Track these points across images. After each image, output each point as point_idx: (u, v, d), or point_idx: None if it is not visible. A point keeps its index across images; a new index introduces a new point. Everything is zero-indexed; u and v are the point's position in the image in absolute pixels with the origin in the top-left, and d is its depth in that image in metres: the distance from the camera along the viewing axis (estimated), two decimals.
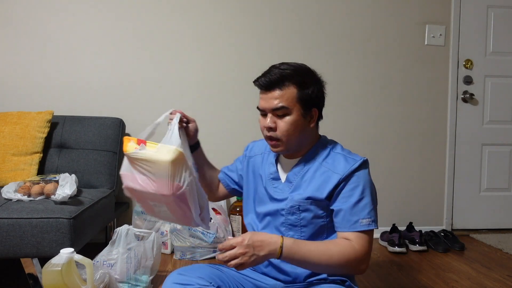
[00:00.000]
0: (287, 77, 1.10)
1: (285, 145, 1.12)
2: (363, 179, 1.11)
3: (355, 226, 1.06)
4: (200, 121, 2.52)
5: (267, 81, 1.10)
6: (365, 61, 2.59)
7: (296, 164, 1.18)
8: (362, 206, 1.08)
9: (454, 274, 2.00)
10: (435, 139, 2.69)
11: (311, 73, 1.18)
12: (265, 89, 1.11)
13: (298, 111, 1.11)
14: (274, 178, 1.21)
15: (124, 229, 1.67)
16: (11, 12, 2.32)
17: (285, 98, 1.09)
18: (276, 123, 1.11)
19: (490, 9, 2.68)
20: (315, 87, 1.16)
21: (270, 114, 1.11)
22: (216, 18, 2.46)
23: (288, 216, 1.15)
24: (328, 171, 1.13)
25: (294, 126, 1.11)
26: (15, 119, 2.06)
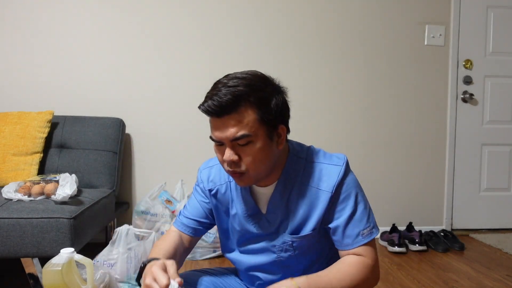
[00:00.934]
0: (242, 96, 0.86)
1: (253, 177, 0.92)
2: (351, 185, 0.98)
3: (358, 241, 0.96)
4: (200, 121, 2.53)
5: (217, 105, 0.85)
6: (365, 61, 2.59)
7: (274, 192, 0.99)
8: (359, 217, 0.97)
9: (454, 274, 2.01)
10: (435, 139, 2.69)
11: (268, 82, 0.92)
12: (217, 115, 0.87)
13: (262, 135, 0.89)
14: (251, 215, 1.02)
15: (124, 229, 1.67)
16: (11, 12, 2.32)
17: (245, 123, 0.86)
18: (238, 154, 0.89)
19: (490, 9, 2.68)
20: (277, 99, 0.91)
21: (229, 145, 0.89)
22: (217, 19, 2.46)
23: (281, 254, 1.02)
24: (312, 190, 0.97)
25: (261, 154, 0.89)
26: (15, 119, 2.06)
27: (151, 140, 2.45)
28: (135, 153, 2.45)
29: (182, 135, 2.47)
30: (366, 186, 2.86)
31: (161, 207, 2.24)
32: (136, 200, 2.45)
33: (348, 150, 2.56)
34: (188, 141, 2.47)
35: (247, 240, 1.06)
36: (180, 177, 2.40)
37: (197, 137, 2.48)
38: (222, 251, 1.16)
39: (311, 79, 2.53)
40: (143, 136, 2.44)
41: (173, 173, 2.43)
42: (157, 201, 2.26)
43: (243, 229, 1.05)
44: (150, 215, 2.24)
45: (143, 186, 2.44)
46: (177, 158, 2.46)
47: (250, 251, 1.07)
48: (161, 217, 2.24)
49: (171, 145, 2.46)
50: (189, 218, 1.11)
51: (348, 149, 2.57)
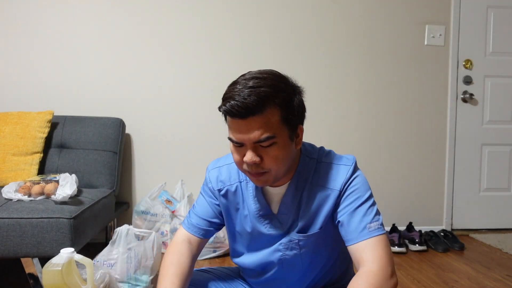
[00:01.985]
0: (267, 98, 0.84)
1: (273, 177, 0.91)
2: (359, 183, 0.98)
3: (364, 234, 0.91)
4: (200, 121, 2.54)
5: (242, 107, 0.83)
6: (364, 61, 2.59)
7: (286, 192, 0.99)
8: (366, 211, 0.94)
9: (454, 274, 2.01)
10: (435, 139, 2.69)
11: (288, 82, 0.92)
12: (240, 117, 0.85)
13: (285, 136, 0.89)
14: (263, 215, 1.02)
15: (124, 229, 1.67)
16: (11, 12, 2.32)
17: (269, 125, 0.85)
18: (260, 156, 0.88)
19: (490, 9, 2.69)
20: (297, 99, 0.92)
21: (251, 147, 0.87)
22: (218, 19, 2.46)
23: (286, 252, 1.02)
24: (322, 189, 0.98)
25: (283, 154, 0.89)
26: (15, 119, 2.07)
27: (151, 140, 2.45)
28: (135, 153, 2.45)
29: (182, 135, 2.47)
30: None
31: (161, 207, 2.24)
32: (136, 200, 2.45)
33: (348, 150, 2.57)
34: (188, 141, 2.47)
35: (257, 241, 1.05)
36: (180, 177, 2.40)
37: (197, 137, 2.48)
38: (230, 256, 1.15)
39: (311, 79, 2.53)
40: (143, 136, 2.44)
41: (173, 173, 2.44)
42: (157, 201, 2.26)
43: (254, 230, 1.04)
44: (150, 215, 2.24)
45: (143, 186, 2.44)
46: (177, 158, 2.46)
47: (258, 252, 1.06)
48: (161, 217, 2.24)
49: (171, 145, 2.46)
50: (199, 217, 1.09)
51: (348, 149, 2.57)
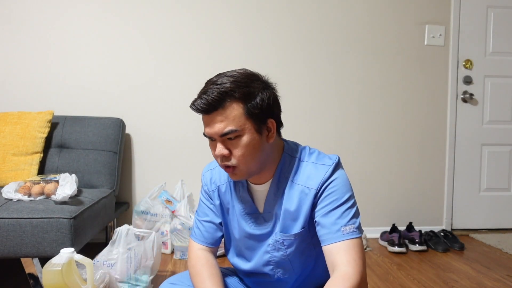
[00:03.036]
0: (226, 93, 0.90)
1: (244, 171, 0.95)
2: (339, 184, 0.97)
3: (338, 236, 0.92)
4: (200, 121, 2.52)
5: (204, 103, 0.90)
6: (365, 61, 2.59)
7: (269, 189, 1.02)
8: (342, 213, 0.94)
9: (454, 274, 2.01)
10: (435, 139, 2.69)
11: (255, 78, 0.95)
12: (205, 113, 0.92)
13: (250, 129, 0.92)
14: (249, 212, 1.04)
15: (124, 229, 1.67)
16: (11, 12, 2.32)
17: (231, 119, 0.90)
18: (229, 149, 0.93)
19: (490, 9, 2.69)
20: (263, 94, 0.94)
21: (219, 140, 0.93)
22: (218, 19, 2.46)
23: (274, 253, 1.03)
24: (301, 188, 0.99)
25: (251, 148, 0.92)
26: (15, 119, 2.07)
27: (151, 140, 2.45)
28: (135, 153, 2.45)
29: (182, 135, 2.47)
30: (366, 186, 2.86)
31: (161, 207, 2.24)
32: (136, 200, 2.45)
33: (348, 150, 2.57)
34: (188, 141, 2.47)
35: (247, 242, 1.07)
36: (180, 177, 2.40)
37: (197, 137, 2.48)
38: (225, 253, 1.17)
39: (311, 79, 2.53)
40: (143, 136, 2.44)
41: (173, 173, 2.44)
42: (157, 201, 2.26)
43: (242, 229, 1.06)
44: (150, 215, 2.24)
45: (143, 186, 2.44)
46: (177, 158, 2.46)
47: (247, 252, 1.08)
48: (161, 217, 2.24)
49: (171, 145, 2.46)
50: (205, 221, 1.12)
51: (347, 149, 2.57)
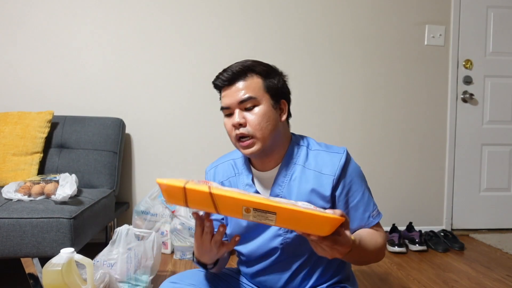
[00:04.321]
0: (249, 67, 1.02)
1: (260, 142, 1.00)
2: (354, 173, 1.06)
3: (369, 222, 1.05)
4: (200, 122, 2.54)
5: (230, 74, 1.01)
6: (365, 61, 2.59)
7: (277, 175, 1.06)
8: (367, 200, 1.06)
9: (454, 274, 2.01)
10: (435, 139, 2.69)
11: (273, 66, 1.10)
12: (228, 83, 1.02)
13: (267, 102, 1.01)
14: None
15: (124, 229, 1.67)
16: (11, 12, 2.32)
17: (252, 88, 1.00)
18: (245, 118, 1.00)
19: (490, 9, 2.69)
20: (280, 78, 1.07)
21: (237, 110, 1.00)
22: (218, 19, 2.46)
23: (287, 235, 1.05)
24: (316, 174, 1.04)
25: (267, 117, 1.00)
26: (15, 119, 2.07)
27: (151, 140, 2.45)
28: (135, 153, 2.45)
29: (182, 135, 2.47)
30: None
31: (161, 207, 2.24)
32: (136, 200, 2.45)
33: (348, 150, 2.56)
34: (188, 141, 2.47)
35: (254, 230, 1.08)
36: (180, 177, 2.40)
37: (197, 137, 2.48)
38: None
39: (311, 79, 2.53)
40: (143, 136, 2.44)
41: (173, 173, 2.43)
42: (157, 201, 2.26)
43: None
44: (150, 215, 2.24)
45: (143, 186, 2.44)
46: (177, 158, 2.46)
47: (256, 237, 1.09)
48: (161, 217, 2.24)
49: (171, 145, 2.46)
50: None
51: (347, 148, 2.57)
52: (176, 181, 0.81)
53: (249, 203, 0.76)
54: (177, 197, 0.80)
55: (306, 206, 0.81)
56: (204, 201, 0.78)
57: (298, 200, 1.00)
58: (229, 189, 0.82)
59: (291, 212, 0.75)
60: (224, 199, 0.77)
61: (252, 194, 0.82)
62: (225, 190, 0.78)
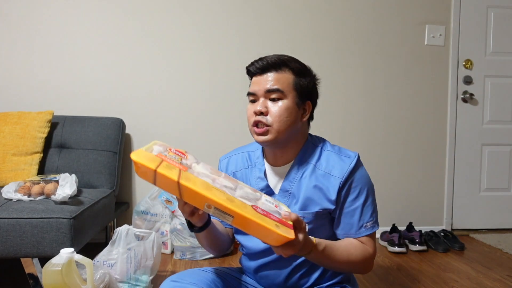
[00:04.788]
0: (285, 62, 1.04)
1: (274, 133, 1.02)
2: (362, 179, 1.07)
3: (361, 232, 1.05)
4: (200, 121, 2.54)
5: (264, 63, 1.04)
6: (365, 61, 2.59)
7: (289, 171, 1.09)
8: (365, 210, 1.05)
9: (454, 274, 2.01)
10: (435, 139, 2.69)
11: (308, 67, 1.11)
12: (261, 72, 1.04)
13: (293, 98, 1.04)
14: (266, 193, 1.09)
15: (124, 229, 1.67)
16: (11, 12, 2.32)
17: (281, 81, 1.03)
18: (267, 108, 1.03)
19: (490, 9, 2.69)
20: (311, 80, 1.09)
21: (262, 99, 1.04)
22: (217, 19, 2.46)
23: None
24: (325, 175, 1.06)
25: (288, 113, 1.02)
26: (15, 119, 2.07)
27: (151, 140, 2.44)
28: None
29: (182, 135, 2.47)
30: None
31: (161, 207, 2.24)
32: (136, 200, 2.45)
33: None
34: (188, 141, 2.47)
35: None
36: None
37: (197, 137, 2.48)
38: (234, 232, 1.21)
39: None
40: (143, 136, 2.44)
41: None
42: (157, 201, 2.26)
43: None
44: (150, 215, 2.24)
45: (143, 186, 2.44)
46: None
47: None
48: (161, 217, 2.24)
49: (171, 145, 2.45)
50: None
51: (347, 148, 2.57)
52: (150, 160, 0.81)
53: (213, 202, 0.78)
54: (148, 176, 0.82)
55: (266, 206, 0.86)
56: (171, 187, 0.81)
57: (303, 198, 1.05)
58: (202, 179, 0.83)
59: (246, 219, 0.78)
60: (190, 191, 0.79)
61: (216, 189, 0.82)
62: (194, 181, 0.80)
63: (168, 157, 0.86)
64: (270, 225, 0.78)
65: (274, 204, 0.89)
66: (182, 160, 0.89)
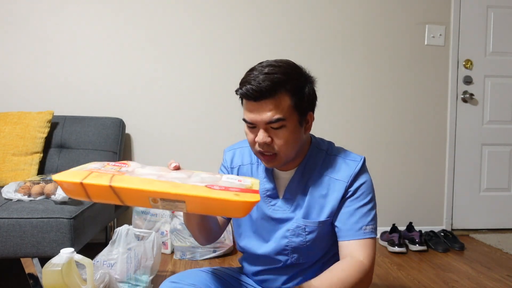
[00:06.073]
0: (279, 83, 0.93)
1: (282, 159, 0.99)
2: (367, 184, 1.04)
3: (359, 234, 0.99)
4: (200, 121, 2.53)
5: (256, 90, 0.91)
6: (365, 61, 2.59)
7: (293, 177, 1.06)
8: (366, 212, 1.01)
9: (454, 274, 2.01)
10: (435, 139, 2.69)
11: (301, 71, 1.01)
12: (254, 100, 0.93)
13: (294, 120, 0.97)
14: (270, 195, 1.08)
15: (124, 229, 1.67)
16: (11, 12, 2.32)
17: (281, 108, 0.93)
18: (271, 137, 0.96)
19: (490, 9, 2.69)
20: (309, 88, 1.01)
21: (263, 128, 0.95)
22: (217, 19, 2.46)
23: (293, 238, 1.05)
24: (330, 180, 1.03)
25: (292, 137, 0.97)
26: (15, 119, 2.06)
27: (151, 140, 2.45)
28: (135, 153, 2.45)
29: (182, 135, 2.47)
30: None
31: None
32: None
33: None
34: (188, 141, 2.47)
35: (263, 226, 1.09)
36: None
37: (197, 137, 2.48)
38: (235, 238, 1.19)
39: None
40: (143, 136, 2.44)
41: None
42: None
43: (260, 210, 1.08)
44: (150, 215, 2.24)
45: None
46: (177, 158, 2.46)
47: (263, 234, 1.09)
48: (161, 217, 2.24)
49: (171, 145, 2.46)
50: None
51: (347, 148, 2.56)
52: (75, 175, 0.74)
53: (154, 194, 0.71)
54: (77, 192, 0.74)
55: (228, 182, 0.78)
56: (107, 195, 0.73)
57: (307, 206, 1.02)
58: (136, 176, 0.76)
59: (200, 199, 0.71)
60: (127, 191, 0.72)
61: (158, 181, 0.74)
62: (128, 181, 0.73)
63: (103, 169, 0.79)
64: (228, 196, 0.71)
65: (238, 179, 0.82)
66: (122, 168, 0.81)
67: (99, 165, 0.83)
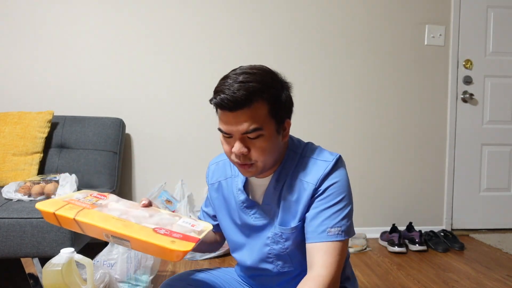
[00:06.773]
0: (255, 93, 0.88)
1: (260, 168, 0.95)
2: (338, 183, 0.97)
3: (321, 236, 0.93)
4: (200, 121, 2.54)
5: (231, 100, 0.87)
6: (364, 61, 2.59)
7: (269, 183, 1.02)
8: (333, 213, 0.94)
9: (454, 274, 2.01)
10: (434, 139, 2.69)
11: (276, 78, 0.96)
12: (229, 110, 0.89)
13: (271, 129, 0.92)
14: (247, 206, 1.05)
15: None
16: (11, 12, 2.32)
17: (257, 118, 0.89)
18: (247, 147, 0.92)
19: (490, 9, 2.69)
20: (285, 94, 0.96)
21: (239, 138, 0.91)
22: (218, 19, 2.46)
23: (273, 246, 1.03)
24: (300, 183, 0.99)
25: (269, 146, 0.93)
26: (15, 119, 2.07)
27: (151, 140, 2.45)
28: (135, 153, 2.45)
29: (182, 135, 2.47)
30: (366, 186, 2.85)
31: (161, 207, 2.24)
32: (136, 200, 2.45)
33: (348, 150, 2.57)
34: (188, 141, 2.47)
35: (247, 234, 1.08)
36: (180, 177, 2.40)
37: (197, 137, 2.48)
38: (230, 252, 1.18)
39: (311, 78, 2.53)
40: (143, 136, 2.44)
41: (173, 173, 2.44)
42: (157, 201, 2.26)
43: (242, 221, 1.07)
44: None
45: (143, 186, 2.44)
46: (177, 158, 2.46)
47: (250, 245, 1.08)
48: None
49: (171, 145, 2.46)
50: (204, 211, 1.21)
51: (347, 148, 2.57)
52: (52, 205, 0.90)
53: (107, 231, 0.84)
54: (52, 219, 0.90)
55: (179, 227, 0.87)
56: (72, 225, 0.88)
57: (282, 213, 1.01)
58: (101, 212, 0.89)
59: (140, 241, 0.82)
60: (87, 225, 0.86)
61: (115, 219, 0.86)
62: (90, 217, 0.86)
63: (82, 200, 0.93)
64: (163, 243, 0.80)
65: (191, 224, 0.90)
66: (99, 201, 0.94)
67: (82, 195, 0.97)
